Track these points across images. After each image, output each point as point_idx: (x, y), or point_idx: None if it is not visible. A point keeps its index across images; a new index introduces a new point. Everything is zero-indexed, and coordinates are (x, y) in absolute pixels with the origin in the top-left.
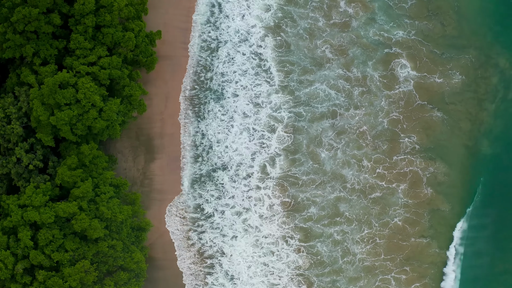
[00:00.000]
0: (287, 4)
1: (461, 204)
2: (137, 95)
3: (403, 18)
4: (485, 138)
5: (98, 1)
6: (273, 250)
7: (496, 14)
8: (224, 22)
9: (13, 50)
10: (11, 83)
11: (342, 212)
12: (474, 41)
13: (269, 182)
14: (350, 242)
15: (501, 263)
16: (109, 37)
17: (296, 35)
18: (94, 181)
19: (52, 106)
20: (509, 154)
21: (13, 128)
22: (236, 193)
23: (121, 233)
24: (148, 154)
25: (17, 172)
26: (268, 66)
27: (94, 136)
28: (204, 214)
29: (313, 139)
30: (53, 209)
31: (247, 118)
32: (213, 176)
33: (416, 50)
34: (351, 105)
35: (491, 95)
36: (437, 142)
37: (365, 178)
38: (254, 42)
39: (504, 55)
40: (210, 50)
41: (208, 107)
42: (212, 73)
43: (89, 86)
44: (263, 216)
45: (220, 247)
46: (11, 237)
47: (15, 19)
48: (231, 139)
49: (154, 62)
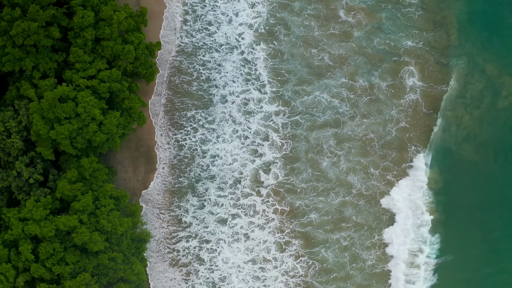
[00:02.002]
0: (279, 11)
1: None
2: (137, 107)
3: (411, 28)
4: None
5: (97, 14)
6: (267, 257)
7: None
8: (209, 28)
9: (12, 63)
10: (10, 96)
11: (348, 217)
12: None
13: (263, 190)
14: (359, 248)
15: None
16: (108, 50)
17: (290, 43)
18: (94, 194)
19: (52, 120)
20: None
21: (13, 142)
22: (225, 201)
23: (121, 245)
24: (148, 165)
25: (17, 186)
26: (259, 73)
27: (94, 149)
28: (187, 224)
29: (313, 147)
30: (54, 223)
31: (238, 125)
32: (201, 185)
33: (424, 59)
34: (357, 113)
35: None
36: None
37: (374, 185)
38: (244, 50)
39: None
40: (193, 55)
41: (195, 116)
42: (199, 80)
43: (89, 99)
44: (255, 223)
45: (206, 255)
46: (12, 250)
47: (14, 33)
48: (222, 147)
49: (154, 74)
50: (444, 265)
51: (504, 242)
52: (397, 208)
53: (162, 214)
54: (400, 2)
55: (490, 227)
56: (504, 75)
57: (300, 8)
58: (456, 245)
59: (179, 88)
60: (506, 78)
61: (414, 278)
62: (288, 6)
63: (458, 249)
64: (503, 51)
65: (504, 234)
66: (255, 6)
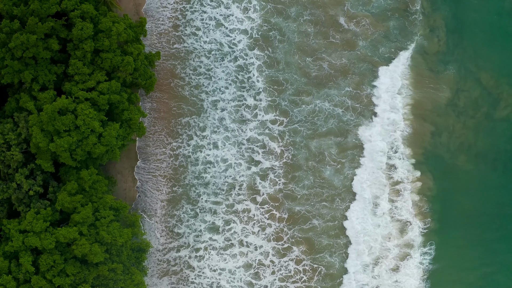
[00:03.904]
0: (275, 17)
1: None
2: (137, 118)
3: (413, 35)
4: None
5: (96, 25)
6: (265, 263)
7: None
8: (202, 32)
9: (11, 75)
10: (10, 107)
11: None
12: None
13: (259, 198)
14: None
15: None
16: (108, 62)
17: (287, 51)
18: (94, 206)
19: (52, 133)
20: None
21: (13, 154)
22: (221, 208)
23: (121, 255)
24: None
25: (17, 198)
26: (255, 81)
27: (94, 160)
28: (182, 234)
29: (315, 155)
30: (54, 235)
31: (231, 132)
32: (194, 193)
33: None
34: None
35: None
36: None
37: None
38: (238, 55)
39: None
40: (186, 59)
41: (191, 123)
42: (190, 86)
43: (88, 112)
44: (250, 230)
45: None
46: (12, 261)
47: (13, 45)
48: (215, 154)
49: (153, 84)
50: (438, 272)
51: (501, 254)
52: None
53: (156, 224)
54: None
55: (487, 236)
56: (503, 85)
57: (296, 13)
58: (450, 253)
59: (175, 91)
60: (505, 87)
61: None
62: (284, 11)
63: (451, 257)
64: (500, 59)
65: (501, 246)
66: (247, 11)
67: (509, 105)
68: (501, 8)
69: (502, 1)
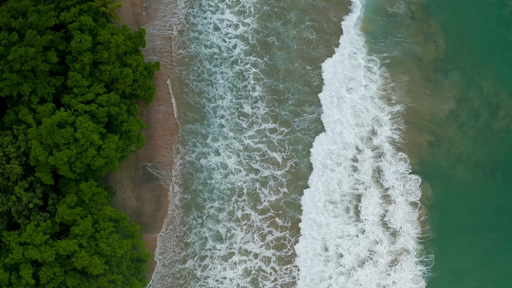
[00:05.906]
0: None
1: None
2: (136, 130)
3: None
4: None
5: (95, 37)
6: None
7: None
8: (200, 39)
9: (10, 88)
10: (9, 119)
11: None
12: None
13: (264, 205)
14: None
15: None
16: (106, 74)
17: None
18: (94, 217)
19: (51, 146)
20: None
21: (12, 167)
22: (223, 216)
23: (121, 266)
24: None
25: (17, 210)
26: (254, 90)
27: (93, 172)
28: (189, 242)
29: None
30: (54, 248)
31: (230, 140)
32: (201, 201)
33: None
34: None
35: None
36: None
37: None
38: (236, 60)
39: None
40: (184, 65)
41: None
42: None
43: (87, 125)
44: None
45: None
46: (12, 273)
47: (12, 58)
48: (215, 160)
49: (152, 95)
50: (436, 279)
51: (500, 264)
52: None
53: (161, 237)
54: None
55: (487, 246)
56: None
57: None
58: (450, 262)
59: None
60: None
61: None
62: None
63: (451, 267)
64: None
65: (502, 257)
66: (244, 15)
67: (508, 115)
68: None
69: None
